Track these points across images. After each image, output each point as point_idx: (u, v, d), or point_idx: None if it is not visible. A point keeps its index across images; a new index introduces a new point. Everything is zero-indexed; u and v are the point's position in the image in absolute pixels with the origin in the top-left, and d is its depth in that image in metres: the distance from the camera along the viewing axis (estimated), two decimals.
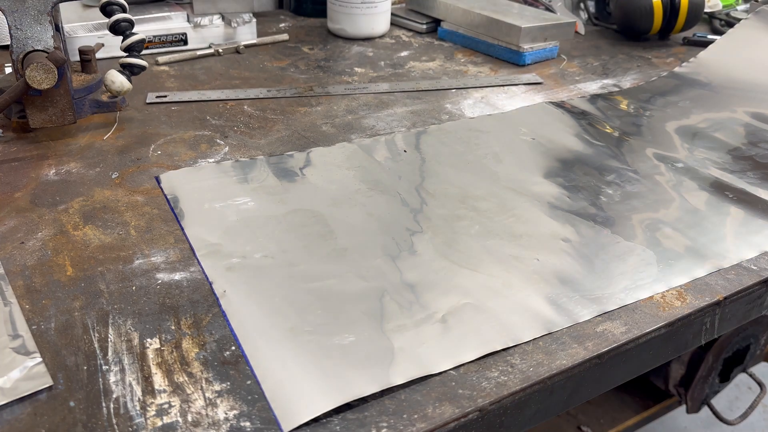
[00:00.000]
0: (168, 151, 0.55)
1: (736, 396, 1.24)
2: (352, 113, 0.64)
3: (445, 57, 0.81)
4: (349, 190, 0.50)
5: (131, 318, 0.37)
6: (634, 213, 0.49)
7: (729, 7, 1.04)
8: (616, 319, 0.39)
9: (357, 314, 0.38)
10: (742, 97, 0.71)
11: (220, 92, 0.67)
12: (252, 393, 0.33)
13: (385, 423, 0.31)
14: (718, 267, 0.44)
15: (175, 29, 0.78)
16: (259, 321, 0.37)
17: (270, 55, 0.80)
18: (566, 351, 0.36)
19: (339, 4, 0.84)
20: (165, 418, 0.31)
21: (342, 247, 0.44)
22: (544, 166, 0.55)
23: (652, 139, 0.61)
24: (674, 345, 0.40)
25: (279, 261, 0.42)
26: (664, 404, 0.89)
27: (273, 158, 0.55)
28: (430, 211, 0.48)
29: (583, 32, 0.93)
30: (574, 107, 0.67)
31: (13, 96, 0.52)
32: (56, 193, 0.49)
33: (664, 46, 0.89)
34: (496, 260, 0.43)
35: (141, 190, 0.49)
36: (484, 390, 0.33)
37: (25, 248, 0.42)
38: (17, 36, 0.52)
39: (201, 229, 0.45)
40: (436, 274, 0.41)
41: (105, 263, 0.41)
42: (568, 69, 0.79)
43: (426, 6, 0.90)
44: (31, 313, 0.37)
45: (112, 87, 0.55)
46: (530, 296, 0.40)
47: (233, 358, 0.35)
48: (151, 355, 0.35)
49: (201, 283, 0.40)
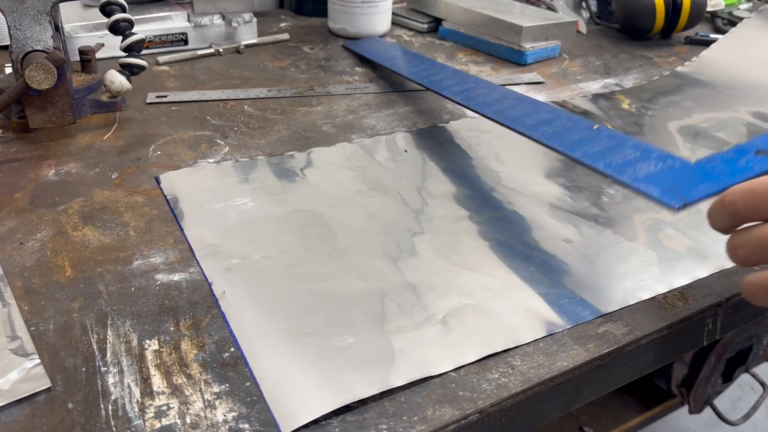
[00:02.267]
0: (168, 152, 0.55)
1: (738, 396, 1.23)
2: (352, 113, 0.64)
3: (446, 56, 0.81)
4: (349, 191, 0.50)
5: (130, 319, 0.37)
6: (636, 213, 0.49)
7: (731, 6, 1.04)
8: (617, 320, 0.39)
9: (357, 315, 0.38)
10: (745, 96, 0.70)
11: (221, 92, 0.67)
12: (251, 395, 0.32)
13: (385, 425, 0.31)
14: (720, 268, 0.43)
15: (176, 29, 0.78)
16: (259, 322, 0.37)
17: (270, 54, 0.80)
18: (567, 352, 0.36)
19: (340, 3, 0.84)
20: (163, 420, 0.31)
21: (342, 247, 0.43)
22: (545, 166, 0.55)
23: (654, 138, 0.61)
24: (676, 346, 0.40)
25: (279, 262, 0.42)
26: (667, 405, 0.88)
27: (273, 158, 0.54)
28: (431, 211, 0.48)
29: (585, 31, 0.92)
30: (575, 107, 0.67)
31: (13, 96, 0.52)
32: (56, 193, 0.49)
33: (667, 46, 0.89)
34: (497, 261, 0.43)
35: (141, 191, 0.49)
36: (485, 392, 0.33)
37: (24, 249, 0.42)
38: (17, 36, 0.52)
39: (201, 229, 0.45)
40: (436, 275, 0.41)
41: (104, 264, 0.41)
42: (569, 68, 0.79)
43: (427, 5, 0.90)
44: (29, 315, 0.37)
45: (112, 87, 0.55)
46: (531, 297, 0.40)
47: (232, 360, 0.34)
48: (149, 356, 0.34)
49: (200, 284, 0.40)
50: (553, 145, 0.44)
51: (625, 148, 0.42)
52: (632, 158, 0.41)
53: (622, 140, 0.43)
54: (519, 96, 0.55)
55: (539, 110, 0.50)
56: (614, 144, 0.43)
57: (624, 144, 0.43)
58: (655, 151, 0.41)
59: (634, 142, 0.43)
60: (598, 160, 0.41)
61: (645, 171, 0.40)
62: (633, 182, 0.38)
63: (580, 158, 0.42)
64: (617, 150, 0.42)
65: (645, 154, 0.41)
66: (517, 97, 0.54)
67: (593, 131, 0.45)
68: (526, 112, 0.50)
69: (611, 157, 0.41)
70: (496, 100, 0.54)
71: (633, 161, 0.41)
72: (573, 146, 0.43)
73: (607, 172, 0.40)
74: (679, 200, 0.36)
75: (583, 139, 0.44)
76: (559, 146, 0.43)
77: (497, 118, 0.50)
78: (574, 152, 0.42)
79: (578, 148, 0.43)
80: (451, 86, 0.60)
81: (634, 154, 0.41)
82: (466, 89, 0.58)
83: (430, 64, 0.68)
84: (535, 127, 0.47)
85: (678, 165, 0.40)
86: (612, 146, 0.43)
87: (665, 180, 0.38)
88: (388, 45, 0.77)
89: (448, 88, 0.59)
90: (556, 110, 0.49)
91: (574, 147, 0.43)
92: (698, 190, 0.36)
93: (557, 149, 0.44)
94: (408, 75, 0.66)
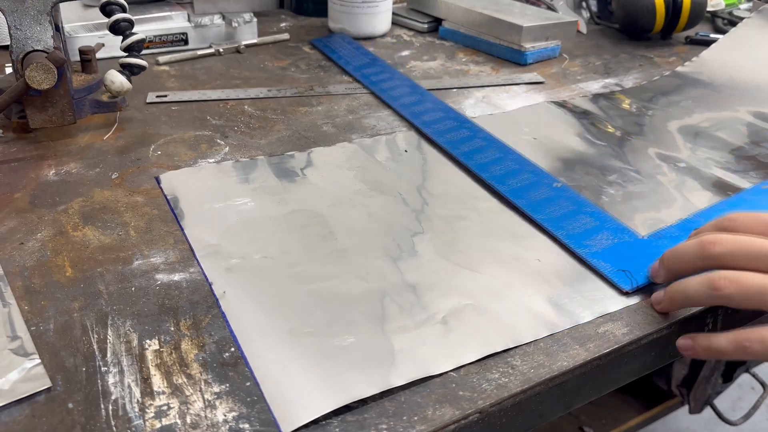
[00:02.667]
0: (168, 152, 0.55)
1: (738, 396, 1.23)
2: (352, 113, 0.64)
3: (446, 56, 0.81)
4: (349, 191, 0.50)
5: (130, 319, 0.37)
6: (636, 213, 0.49)
7: (731, 6, 1.04)
8: (617, 320, 0.39)
9: (357, 315, 0.38)
10: (745, 96, 0.70)
11: (221, 92, 0.67)
12: (251, 395, 0.32)
13: (385, 425, 0.31)
14: None
15: (176, 29, 0.78)
16: (259, 322, 0.37)
17: (270, 54, 0.80)
18: (567, 352, 0.36)
19: (340, 3, 0.84)
20: (164, 420, 0.31)
21: (342, 247, 0.43)
22: (545, 165, 0.55)
23: (654, 138, 0.61)
24: (676, 346, 0.40)
25: (279, 262, 0.42)
26: (667, 405, 0.88)
27: (273, 158, 0.54)
28: (432, 211, 0.48)
29: (585, 31, 0.92)
30: (575, 107, 0.67)
31: (13, 96, 0.52)
32: (56, 193, 0.49)
33: (667, 45, 0.89)
34: (497, 261, 0.43)
35: (141, 191, 0.49)
36: (485, 392, 0.33)
37: (25, 249, 0.42)
38: (17, 36, 0.52)
39: (201, 229, 0.45)
40: (437, 275, 0.41)
41: (104, 264, 0.41)
42: (569, 68, 0.79)
43: (427, 5, 0.90)
44: (30, 314, 0.37)
45: (112, 87, 0.55)
46: (531, 297, 0.40)
47: (232, 360, 0.34)
48: (150, 356, 0.34)
49: (200, 284, 0.40)
50: (518, 204, 0.48)
51: (584, 215, 0.46)
52: (590, 227, 0.45)
53: (581, 204, 0.48)
54: (472, 127, 0.59)
55: (506, 157, 0.53)
56: (574, 208, 0.47)
57: (582, 209, 0.47)
58: (610, 222, 0.46)
59: (591, 207, 0.47)
60: (558, 228, 0.45)
61: (601, 245, 0.43)
62: (589, 258, 0.42)
63: (542, 222, 0.46)
64: (576, 216, 0.46)
65: (602, 223, 0.46)
66: (470, 129, 0.58)
67: (554, 189, 0.49)
68: (494, 159, 0.53)
69: (571, 225, 0.45)
70: (449, 128, 0.58)
71: (590, 232, 0.45)
72: (536, 207, 0.47)
73: (566, 242, 0.44)
74: (629, 284, 0.40)
75: (546, 199, 0.48)
76: (524, 205, 0.48)
77: (463, 160, 0.54)
78: (538, 215, 0.46)
79: (541, 209, 0.47)
80: (400, 96, 0.65)
81: (592, 223, 0.46)
82: (415, 102, 0.64)
83: (382, 68, 0.72)
84: (502, 179, 0.51)
85: (631, 240, 0.44)
86: (572, 210, 0.47)
87: (619, 257, 0.42)
88: (353, 45, 0.79)
89: (398, 98, 0.65)
90: (521, 159, 0.53)
91: (538, 208, 0.47)
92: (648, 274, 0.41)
93: (522, 209, 0.47)
94: (360, 78, 0.70)
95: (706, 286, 0.35)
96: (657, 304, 0.39)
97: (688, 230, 0.43)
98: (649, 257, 0.42)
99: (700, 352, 0.37)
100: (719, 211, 0.45)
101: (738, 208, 0.42)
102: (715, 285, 0.35)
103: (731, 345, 0.36)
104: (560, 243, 0.44)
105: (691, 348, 0.38)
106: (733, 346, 0.35)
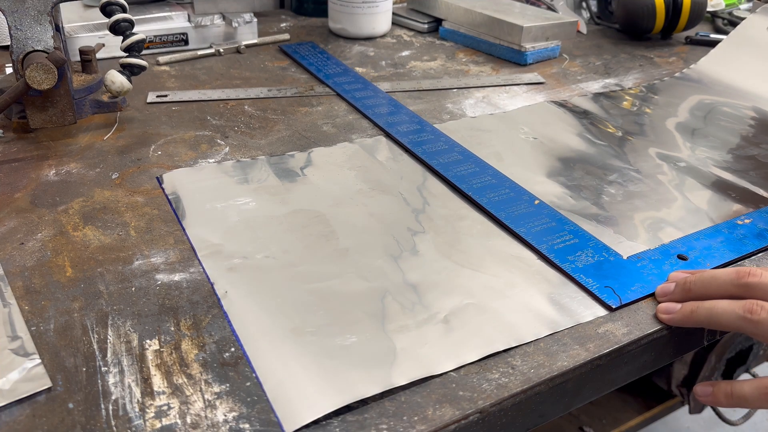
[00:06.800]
0: (168, 152, 0.55)
1: None
2: (353, 113, 0.64)
3: (446, 56, 0.81)
4: (350, 191, 0.50)
5: (130, 319, 0.37)
6: (637, 212, 0.49)
7: (731, 6, 1.04)
8: (618, 320, 0.39)
9: (359, 315, 0.38)
10: (745, 95, 0.70)
11: (221, 92, 0.67)
12: (251, 395, 0.32)
13: (385, 425, 0.31)
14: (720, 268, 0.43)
15: (176, 29, 0.78)
16: (261, 322, 0.37)
17: (271, 54, 0.80)
18: (567, 352, 0.36)
19: (340, 3, 0.84)
20: (164, 420, 0.31)
21: (343, 247, 0.43)
22: (546, 165, 0.55)
23: (654, 138, 0.61)
24: (676, 346, 0.40)
25: (280, 261, 0.42)
26: (667, 404, 0.88)
27: (274, 158, 0.54)
28: (432, 211, 0.48)
29: (585, 31, 0.92)
30: (576, 106, 0.67)
31: (14, 96, 0.52)
32: (56, 193, 0.49)
33: (667, 46, 0.89)
34: (498, 260, 0.43)
35: (141, 191, 0.49)
36: (485, 392, 0.33)
37: (25, 249, 0.42)
38: (17, 36, 0.52)
39: (202, 229, 0.45)
40: (438, 275, 0.41)
41: (104, 264, 0.41)
42: (570, 68, 0.79)
43: (427, 5, 0.90)
44: (30, 314, 0.37)
45: (112, 87, 0.55)
46: (532, 296, 0.40)
47: (233, 360, 0.34)
48: (150, 356, 0.34)
49: (200, 284, 0.40)
50: (499, 216, 0.47)
51: (564, 232, 0.46)
52: (571, 244, 0.44)
53: (560, 221, 0.47)
54: (434, 131, 0.59)
55: (484, 172, 0.53)
56: (554, 224, 0.46)
57: (562, 226, 0.46)
58: (590, 239, 0.45)
59: (570, 225, 0.46)
60: (541, 242, 0.44)
61: (584, 261, 0.43)
62: (574, 273, 0.41)
63: (524, 236, 0.45)
64: (557, 231, 0.45)
65: (582, 240, 0.45)
66: (433, 132, 0.58)
67: (534, 206, 0.48)
68: (471, 173, 0.52)
69: (553, 240, 0.44)
70: (426, 140, 0.58)
71: (573, 248, 0.44)
72: (517, 221, 0.46)
73: (549, 256, 0.43)
74: (616, 300, 0.40)
75: (526, 214, 0.47)
76: (506, 219, 0.47)
77: (444, 174, 0.53)
78: (519, 228, 0.46)
79: (522, 224, 0.46)
80: (363, 98, 0.66)
81: (572, 240, 0.45)
82: (390, 113, 0.63)
83: (345, 74, 0.72)
84: (481, 192, 0.50)
85: (613, 259, 0.43)
86: (552, 226, 0.46)
87: (602, 274, 0.42)
88: (324, 55, 0.78)
89: (362, 99, 0.65)
90: (499, 174, 0.52)
91: (519, 222, 0.46)
92: (632, 292, 0.40)
93: (503, 221, 0.46)
94: (332, 85, 0.70)
95: (740, 307, 0.36)
96: (664, 311, 0.39)
97: (668, 255, 0.44)
98: (632, 277, 0.41)
99: (722, 399, 0.38)
100: (696, 239, 0.46)
101: None
102: (750, 309, 0.36)
103: (755, 392, 0.36)
104: (544, 257, 0.43)
105: (711, 395, 0.38)
106: (757, 393, 0.36)
